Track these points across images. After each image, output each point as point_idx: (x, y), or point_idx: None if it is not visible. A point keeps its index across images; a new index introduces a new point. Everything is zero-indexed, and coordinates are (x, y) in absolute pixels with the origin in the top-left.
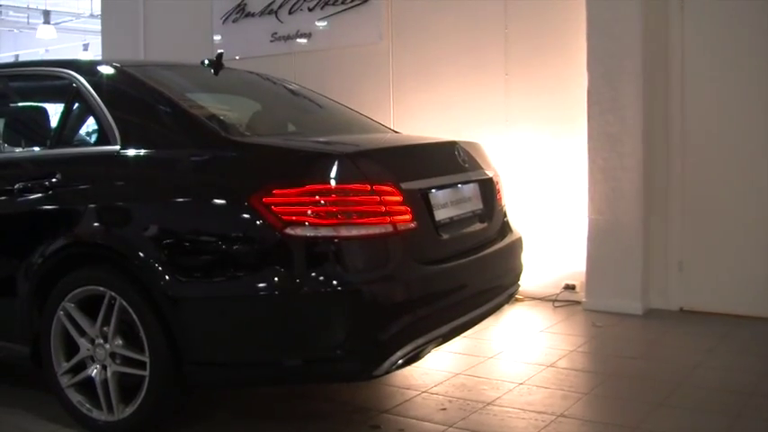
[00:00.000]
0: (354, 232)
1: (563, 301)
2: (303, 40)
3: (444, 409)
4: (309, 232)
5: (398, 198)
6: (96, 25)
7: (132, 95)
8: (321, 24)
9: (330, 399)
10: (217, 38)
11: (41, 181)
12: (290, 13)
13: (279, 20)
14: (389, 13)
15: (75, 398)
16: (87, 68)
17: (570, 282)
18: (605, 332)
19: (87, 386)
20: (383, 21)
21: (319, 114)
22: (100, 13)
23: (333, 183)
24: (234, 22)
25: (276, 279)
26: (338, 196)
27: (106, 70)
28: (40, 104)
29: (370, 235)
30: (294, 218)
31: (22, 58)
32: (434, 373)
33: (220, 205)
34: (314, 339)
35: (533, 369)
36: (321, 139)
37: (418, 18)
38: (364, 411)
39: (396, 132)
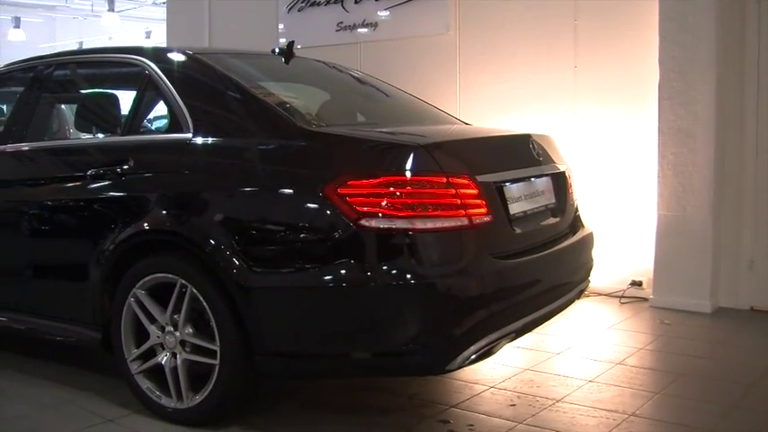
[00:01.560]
0: (429, 225)
1: (629, 297)
2: (369, 30)
3: (513, 405)
4: (384, 224)
5: (474, 191)
6: (158, 13)
7: (205, 83)
8: (387, 14)
9: (397, 392)
10: (281, 27)
11: (114, 168)
12: (356, 2)
13: (345, 9)
14: (457, 3)
15: (145, 384)
16: (160, 56)
17: (637, 278)
18: (673, 330)
19: (157, 373)
20: (450, 11)
21: (388, 104)
22: (163, 1)
23: (408, 174)
24: (299, 11)
25: (348, 271)
26: (414, 188)
27: (179, 58)
28: (111, 91)
29: (445, 228)
30: (369, 209)
31: (85, 46)
32: (501, 368)
33: (293, 195)
34: (385, 332)
35: (602, 366)
36: (395, 130)
37: (486, 9)
38: (432, 405)
39: (466, 124)
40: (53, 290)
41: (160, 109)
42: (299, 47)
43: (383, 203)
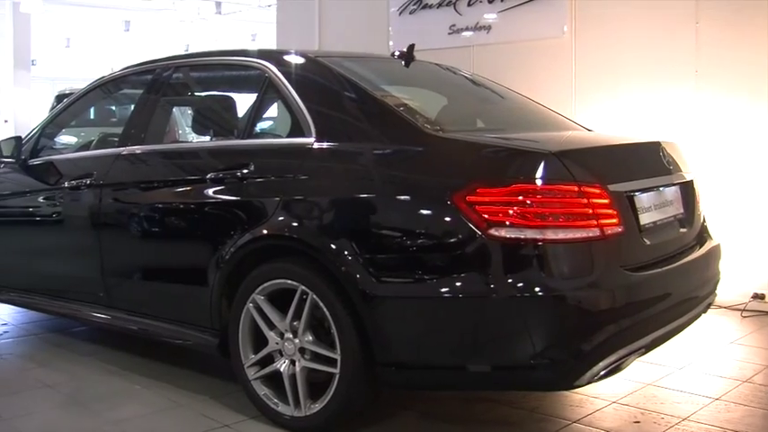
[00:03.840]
0: (561, 235)
1: (752, 311)
2: (482, 33)
3: (638, 422)
4: (514, 234)
5: (606, 201)
6: (263, 16)
7: (327, 87)
8: (501, 17)
9: (516, 405)
10: (392, 29)
11: (234, 172)
12: (468, 5)
13: (457, 12)
14: (573, 6)
15: (262, 390)
16: (280, 59)
17: (760, 291)
18: None
19: (274, 379)
20: (566, 13)
21: (507, 108)
22: (269, 4)
23: (540, 183)
24: (411, 13)
25: (477, 281)
26: (545, 197)
27: (299, 61)
28: (229, 94)
29: (576, 239)
30: (498, 218)
31: (192, 50)
32: (623, 382)
33: (420, 202)
34: (509, 346)
35: (728, 384)
36: (522, 136)
37: (603, 11)
38: (553, 420)
39: (588, 130)
40: (170, 293)
41: (282, 113)
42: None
43: (513, 212)
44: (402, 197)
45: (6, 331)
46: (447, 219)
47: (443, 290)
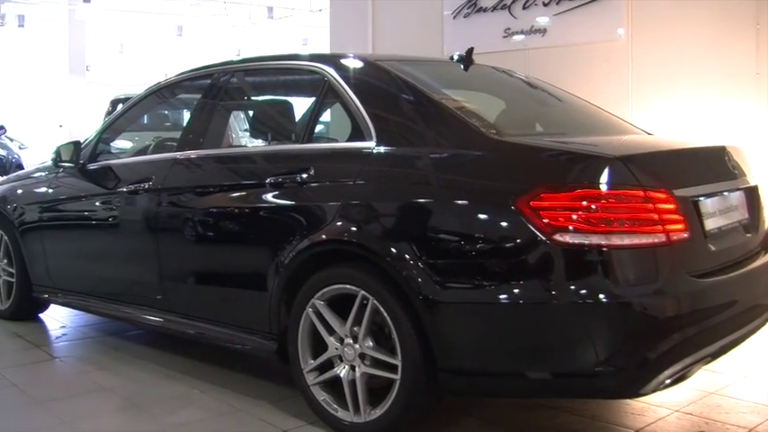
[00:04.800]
0: (626, 241)
1: None
2: (537, 36)
3: None
4: (579, 239)
5: (672, 206)
6: (314, 20)
7: (387, 91)
8: (556, 20)
9: (577, 412)
10: (446, 33)
11: (294, 176)
12: (523, 8)
13: (512, 15)
14: (629, 8)
15: (321, 396)
16: (339, 63)
17: None
18: None
19: (333, 385)
20: (623, 16)
21: (566, 112)
22: (320, 8)
23: (605, 188)
24: (465, 17)
25: (539, 287)
26: (610, 202)
27: (359, 65)
28: (287, 98)
29: (642, 245)
30: (562, 223)
31: (243, 55)
32: (685, 390)
33: (482, 207)
34: (570, 353)
35: None
36: (585, 141)
37: (661, 13)
38: (615, 429)
39: (649, 134)
40: (229, 297)
41: (342, 117)
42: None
43: (578, 218)
44: (463, 202)
45: (65, 334)
46: (510, 224)
47: (505, 295)
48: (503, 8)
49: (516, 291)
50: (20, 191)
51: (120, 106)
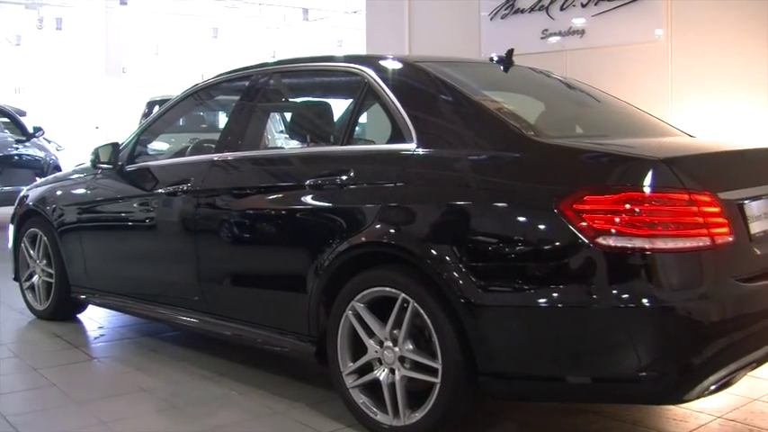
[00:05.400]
0: (671, 245)
1: None
2: (575, 38)
3: None
4: (622, 242)
5: (716, 209)
6: (349, 22)
7: (428, 93)
8: (594, 21)
9: (618, 417)
10: (483, 34)
11: (334, 178)
12: (561, 9)
13: (550, 16)
14: (669, 8)
15: (360, 399)
16: (379, 64)
17: None
18: None
19: (373, 388)
20: (662, 17)
21: (605, 113)
22: (354, 10)
23: (648, 190)
24: (502, 18)
25: (581, 290)
26: (654, 205)
27: (399, 66)
28: (326, 100)
29: (686, 248)
30: (606, 226)
31: (278, 57)
32: (727, 396)
33: (523, 210)
34: (611, 358)
35: None
36: (628, 143)
37: (700, 14)
38: None
39: (691, 136)
40: (268, 299)
41: (382, 119)
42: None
43: (621, 221)
44: (504, 204)
45: (103, 335)
46: (552, 227)
47: (546, 299)
48: (540, 9)
49: (558, 294)
50: (59, 192)
51: (156, 108)
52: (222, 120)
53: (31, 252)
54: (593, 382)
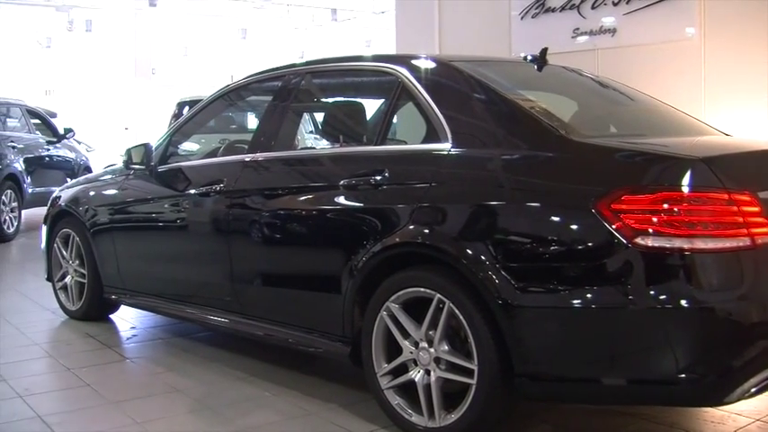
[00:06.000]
0: (710, 245)
1: None
2: (606, 36)
3: None
4: (660, 243)
5: (756, 209)
6: (378, 22)
7: (463, 92)
8: (626, 19)
9: (655, 419)
10: (514, 33)
11: (368, 178)
12: (592, 8)
13: (581, 15)
14: (702, 6)
15: (395, 400)
16: (413, 64)
17: None
18: None
19: (407, 389)
20: (695, 15)
21: (641, 113)
22: (383, 11)
23: (687, 190)
24: (533, 17)
25: (619, 291)
26: (693, 205)
27: (433, 65)
28: (360, 100)
29: (726, 248)
30: (644, 226)
31: (306, 57)
32: (765, 398)
33: (560, 210)
34: (647, 359)
35: None
36: (665, 142)
37: (733, 11)
38: None
39: (727, 135)
40: (301, 300)
41: (414, 118)
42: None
43: (660, 221)
44: (540, 204)
45: (135, 335)
46: (589, 227)
47: (584, 299)
48: (571, 8)
49: (595, 295)
50: (91, 192)
51: (186, 109)
52: (252, 120)
53: (64, 252)
54: (628, 384)
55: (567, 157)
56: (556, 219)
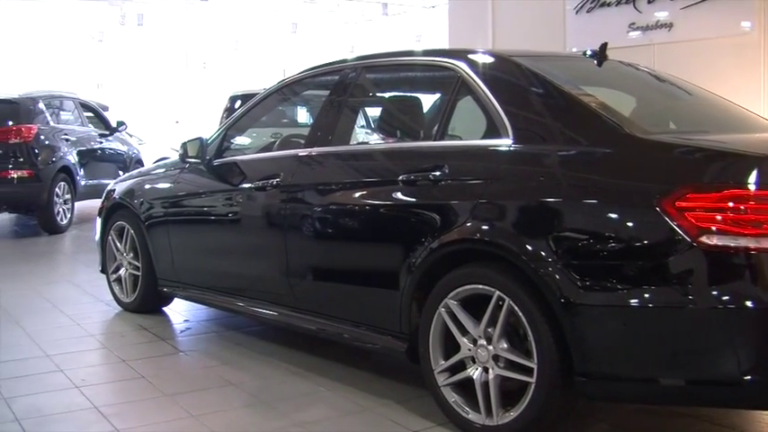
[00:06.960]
0: None
1: None
2: (663, 31)
3: None
4: (726, 242)
5: None
6: (428, 17)
7: (524, 87)
8: (683, 14)
9: (715, 421)
10: (569, 28)
11: (427, 174)
12: (649, 2)
13: (637, 9)
14: (761, 1)
15: (451, 397)
16: (473, 59)
17: None
18: None
19: (465, 386)
20: (753, 10)
21: (701, 108)
22: (433, 5)
23: (754, 188)
24: (588, 12)
25: (683, 291)
26: (760, 203)
27: (492, 60)
28: (419, 95)
29: None
30: (709, 225)
31: (357, 52)
32: None
33: (622, 207)
34: (708, 360)
35: None
36: (729, 139)
37: None
38: None
39: None
40: (358, 295)
41: (473, 113)
42: (573, 49)
43: (726, 219)
44: (602, 201)
45: (188, 328)
46: (653, 225)
47: (646, 298)
48: (627, 3)
49: (657, 294)
50: (146, 186)
51: (238, 103)
52: (303, 114)
53: (119, 245)
54: (687, 385)
55: (629, 154)
56: (618, 216)
